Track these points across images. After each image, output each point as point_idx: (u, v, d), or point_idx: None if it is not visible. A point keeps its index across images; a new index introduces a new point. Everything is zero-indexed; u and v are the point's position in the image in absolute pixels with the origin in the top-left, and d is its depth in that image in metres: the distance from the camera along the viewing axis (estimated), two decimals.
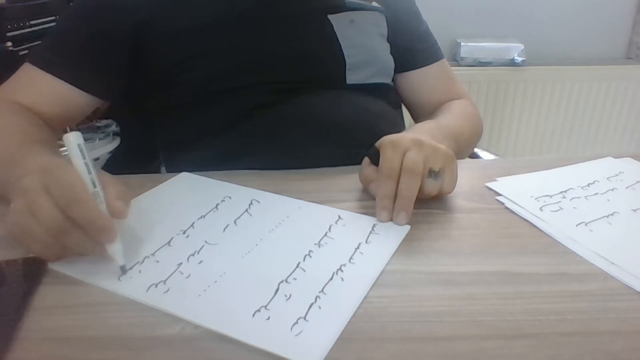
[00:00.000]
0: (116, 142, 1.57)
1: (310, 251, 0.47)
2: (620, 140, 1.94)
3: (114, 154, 1.53)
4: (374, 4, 0.80)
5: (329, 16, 0.74)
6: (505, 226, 0.53)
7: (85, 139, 0.45)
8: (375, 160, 0.56)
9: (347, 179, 0.62)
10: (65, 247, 0.43)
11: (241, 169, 0.66)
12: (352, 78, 0.74)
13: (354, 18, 0.76)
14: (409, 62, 0.84)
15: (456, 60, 1.81)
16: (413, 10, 0.88)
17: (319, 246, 0.48)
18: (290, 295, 0.41)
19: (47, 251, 0.44)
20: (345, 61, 0.73)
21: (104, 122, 1.58)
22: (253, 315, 0.39)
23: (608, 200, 0.58)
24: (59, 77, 0.66)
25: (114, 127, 1.58)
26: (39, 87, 0.66)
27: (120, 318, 0.39)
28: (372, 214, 0.54)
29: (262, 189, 0.59)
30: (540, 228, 0.52)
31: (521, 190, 0.60)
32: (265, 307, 0.40)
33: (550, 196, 0.59)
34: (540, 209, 0.56)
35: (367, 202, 0.57)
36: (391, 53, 0.81)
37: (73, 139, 0.44)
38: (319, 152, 0.67)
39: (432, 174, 0.53)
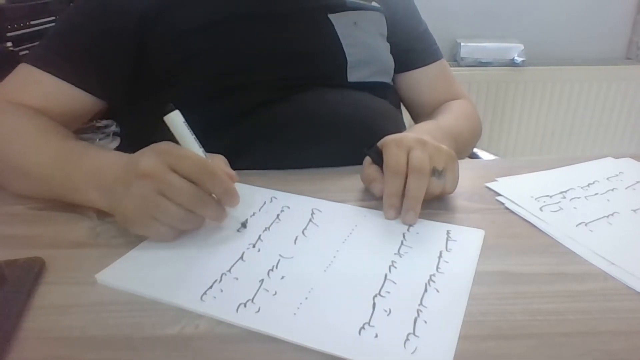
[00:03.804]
0: (116, 142, 1.57)
1: (393, 262, 0.46)
2: (620, 140, 1.94)
3: None
4: (374, 3, 0.81)
5: (330, 15, 0.75)
6: (505, 226, 0.53)
7: (85, 139, 0.45)
8: (376, 160, 0.56)
9: (347, 179, 0.62)
10: (194, 220, 0.47)
11: (242, 167, 0.66)
12: (353, 76, 0.74)
13: (356, 20, 0.76)
14: (408, 62, 0.85)
15: (456, 60, 1.81)
16: (412, 10, 0.88)
17: (400, 256, 0.47)
18: (390, 310, 0.40)
19: (174, 230, 0.47)
20: (346, 59, 0.73)
21: (104, 122, 1.58)
22: (359, 332, 0.37)
23: (608, 200, 0.58)
24: (64, 80, 0.66)
25: (114, 127, 1.58)
26: (41, 89, 0.66)
27: (120, 318, 0.39)
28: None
29: (263, 187, 0.60)
30: (540, 228, 0.52)
31: (521, 191, 0.60)
32: (369, 323, 0.38)
33: (550, 196, 0.59)
34: (540, 209, 0.56)
35: (369, 202, 0.57)
36: (391, 53, 0.81)
37: (178, 118, 0.48)
38: (320, 150, 0.67)
39: (436, 173, 0.54)
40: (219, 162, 0.50)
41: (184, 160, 0.46)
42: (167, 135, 0.50)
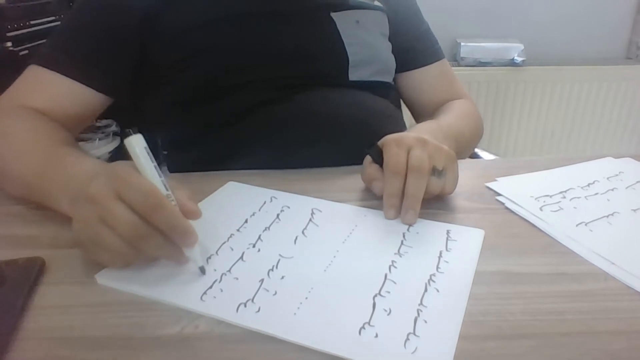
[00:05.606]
0: (116, 142, 1.57)
1: (393, 261, 0.46)
2: (620, 140, 1.95)
3: (114, 154, 1.53)
4: (376, 3, 0.81)
5: (332, 14, 0.75)
6: (505, 226, 0.53)
7: (85, 139, 0.44)
8: (377, 159, 0.56)
9: (348, 179, 0.62)
10: (138, 254, 0.42)
11: (243, 166, 0.66)
12: (354, 75, 0.74)
13: (358, 18, 0.76)
14: (409, 62, 0.85)
15: (456, 60, 1.81)
16: (414, 9, 0.88)
17: (400, 256, 0.47)
18: (390, 310, 0.40)
19: (118, 260, 0.43)
20: (348, 58, 0.73)
21: (104, 122, 1.58)
22: (359, 332, 0.37)
23: (608, 200, 0.58)
24: (71, 78, 0.66)
25: (114, 127, 1.58)
26: (50, 89, 0.66)
27: (120, 318, 0.39)
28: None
29: (263, 187, 0.60)
30: (540, 228, 0.52)
31: (521, 190, 0.60)
32: (369, 323, 0.38)
33: (550, 196, 0.59)
34: (540, 209, 0.56)
35: (369, 202, 0.57)
36: (392, 52, 0.81)
37: (138, 143, 0.42)
38: (320, 150, 0.67)
39: (436, 172, 0.54)
40: (181, 195, 0.44)
41: (131, 189, 0.40)
42: (166, 134, 0.50)
